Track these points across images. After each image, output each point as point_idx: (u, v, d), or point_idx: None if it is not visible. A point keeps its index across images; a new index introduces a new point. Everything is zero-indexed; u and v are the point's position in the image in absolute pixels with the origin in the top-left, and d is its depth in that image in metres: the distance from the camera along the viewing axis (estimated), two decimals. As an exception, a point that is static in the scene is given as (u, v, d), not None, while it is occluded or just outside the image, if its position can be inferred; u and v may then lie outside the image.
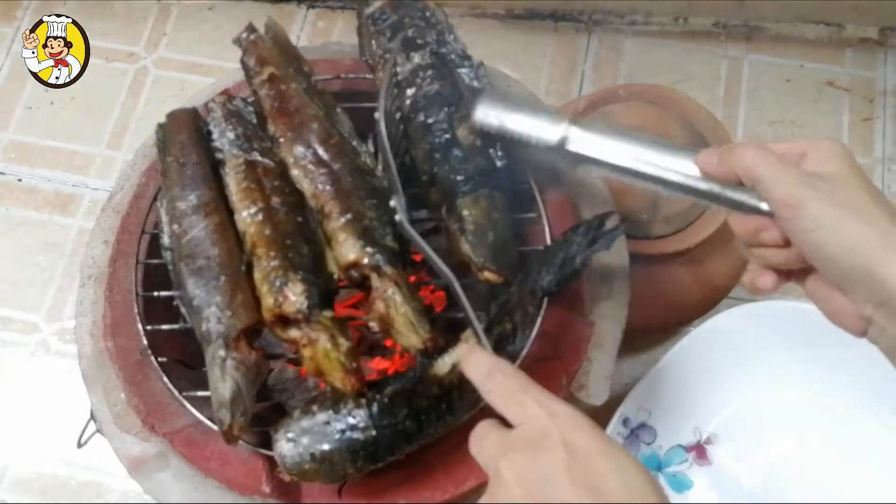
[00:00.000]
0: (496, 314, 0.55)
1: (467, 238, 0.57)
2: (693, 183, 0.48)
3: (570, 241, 0.58)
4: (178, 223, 0.59)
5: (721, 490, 0.74)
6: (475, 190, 0.59)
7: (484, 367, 0.44)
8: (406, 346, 0.53)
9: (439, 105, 0.62)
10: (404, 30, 0.65)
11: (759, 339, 0.75)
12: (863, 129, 1.05)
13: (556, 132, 0.53)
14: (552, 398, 0.40)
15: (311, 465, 0.52)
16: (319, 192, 0.59)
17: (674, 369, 0.75)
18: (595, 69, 1.10)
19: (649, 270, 0.78)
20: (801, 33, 1.10)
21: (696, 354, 0.75)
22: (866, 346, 0.44)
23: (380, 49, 0.66)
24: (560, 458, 0.37)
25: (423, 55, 0.64)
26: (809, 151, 0.45)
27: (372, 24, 0.67)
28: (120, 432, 0.59)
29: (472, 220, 0.58)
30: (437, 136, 0.61)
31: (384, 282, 0.54)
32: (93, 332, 0.63)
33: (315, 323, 0.53)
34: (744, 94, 1.07)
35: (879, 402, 0.73)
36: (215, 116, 0.65)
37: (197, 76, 1.11)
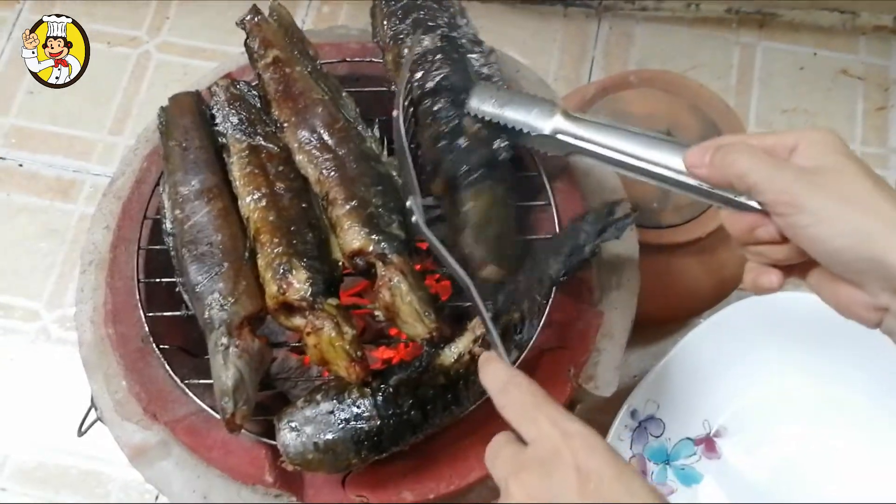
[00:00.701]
0: (503, 303, 0.54)
1: (469, 233, 0.56)
2: (682, 178, 0.47)
3: (579, 230, 0.57)
4: (180, 208, 0.59)
5: (730, 484, 0.73)
6: (479, 182, 0.57)
7: (500, 380, 0.43)
8: (411, 335, 0.52)
9: (447, 92, 0.60)
10: (416, 11, 0.64)
11: (769, 332, 0.74)
12: (877, 117, 1.03)
13: (549, 124, 0.53)
14: (567, 416, 0.40)
15: (314, 454, 0.51)
16: (324, 178, 0.58)
17: (683, 361, 0.74)
18: (605, 55, 1.08)
19: (659, 260, 0.77)
20: (814, 20, 1.09)
21: (705, 346, 0.74)
22: (877, 338, 0.44)
23: (391, 30, 0.65)
24: (571, 481, 0.37)
25: (434, 38, 0.63)
26: (800, 143, 0.43)
27: (385, 5, 0.66)
28: (121, 420, 0.59)
29: (474, 214, 0.56)
30: (443, 124, 0.59)
31: (390, 270, 0.53)
32: (94, 318, 0.62)
33: (320, 311, 0.52)
34: (756, 82, 1.06)
35: (889, 394, 0.72)
36: (218, 100, 0.63)
37: (200, 61, 1.10)
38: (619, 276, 0.63)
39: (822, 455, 0.73)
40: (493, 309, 0.53)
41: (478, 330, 0.52)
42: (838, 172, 0.41)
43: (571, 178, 0.65)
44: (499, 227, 0.57)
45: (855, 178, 0.41)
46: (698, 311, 0.84)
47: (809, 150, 0.43)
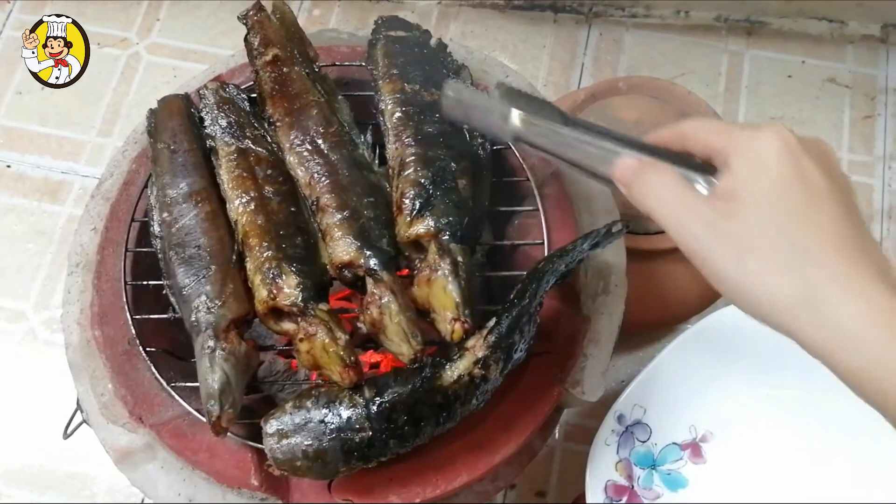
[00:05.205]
0: (507, 329, 0.53)
1: (459, 285, 0.52)
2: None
3: (577, 250, 0.57)
4: (168, 211, 0.58)
5: (716, 488, 0.73)
6: (465, 242, 0.55)
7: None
8: (395, 353, 0.52)
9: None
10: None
11: (756, 337, 0.74)
12: (864, 126, 1.04)
13: (508, 133, 0.50)
14: None
15: (303, 461, 0.51)
16: (315, 182, 0.58)
17: (670, 367, 0.74)
18: (595, 61, 1.09)
19: (646, 267, 0.77)
20: (802, 29, 1.09)
21: (692, 352, 0.74)
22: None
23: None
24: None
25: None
26: (730, 158, 0.36)
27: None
28: (107, 423, 0.58)
29: (465, 270, 0.54)
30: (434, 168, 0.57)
31: (380, 288, 0.52)
32: (80, 320, 0.62)
33: (311, 317, 0.52)
34: (744, 90, 1.06)
35: (877, 401, 0.72)
36: (208, 103, 0.63)
37: (190, 63, 1.09)
38: (606, 282, 0.63)
39: (809, 460, 0.73)
40: (498, 333, 0.52)
41: (478, 351, 0.52)
42: (751, 218, 0.35)
43: (560, 183, 0.65)
44: (472, 291, 0.55)
45: (768, 230, 0.34)
46: (685, 316, 0.84)
47: (738, 174, 0.36)
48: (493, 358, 0.52)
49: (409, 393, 0.51)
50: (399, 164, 0.58)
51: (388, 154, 0.60)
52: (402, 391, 0.51)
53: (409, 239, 0.55)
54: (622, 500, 0.70)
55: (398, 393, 0.51)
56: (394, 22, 0.68)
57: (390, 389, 0.51)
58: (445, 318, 0.52)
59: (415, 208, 0.55)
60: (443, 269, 0.52)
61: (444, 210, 0.55)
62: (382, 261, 0.53)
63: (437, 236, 0.54)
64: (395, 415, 0.51)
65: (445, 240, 0.54)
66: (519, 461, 0.59)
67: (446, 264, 0.53)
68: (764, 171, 0.35)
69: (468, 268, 0.54)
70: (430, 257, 0.54)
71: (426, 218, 0.55)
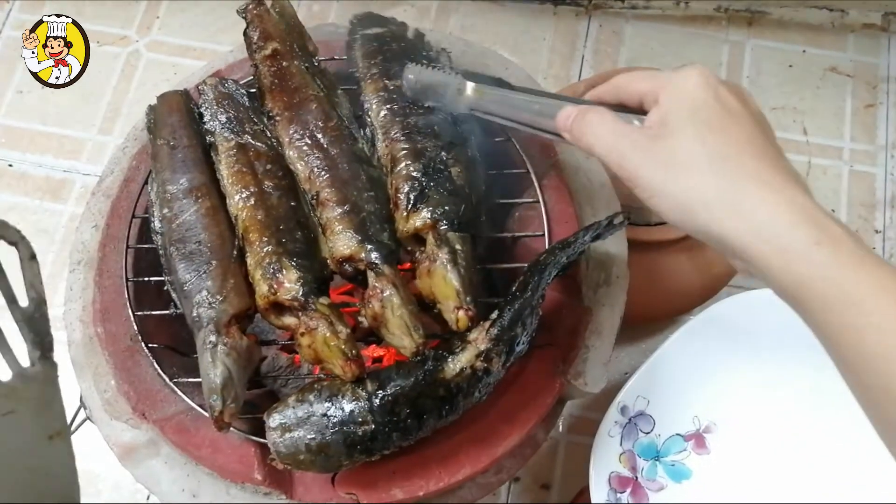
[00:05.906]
0: (510, 322, 0.53)
1: (458, 273, 0.53)
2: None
3: (579, 242, 0.57)
4: (168, 207, 0.58)
5: (720, 479, 0.73)
6: (465, 229, 0.55)
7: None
8: (397, 346, 0.52)
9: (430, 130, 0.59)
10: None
11: (759, 328, 0.74)
12: (866, 115, 1.04)
13: (463, 104, 0.56)
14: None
15: (306, 455, 0.51)
16: (314, 177, 0.58)
17: (673, 358, 0.74)
18: (595, 53, 1.08)
19: (648, 258, 0.77)
20: (803, 18, 1.09)
21: (695, 343, 0.74)
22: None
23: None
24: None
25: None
26: (660, 95, 0.41)
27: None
28: (110, 419, 0.58)
29: (464, 257, 0.54)
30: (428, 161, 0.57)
31: (381, 282, 0.52)
32: (82, 317, 0.62)
33: (312, 311, 0.52)
34: (745, 80, 1.06)
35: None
36: (207, 99, 0.63)
37: (190, 60, 1.09)
38: (607, 273, 0.63)
39: (812, 450, 0.73)
40: (501, 326, 0.53)
41: (481, 344, 0.52)
42: (676, 135, 0.39)
43: (561, 175, 0.65)
44: (475, 280, 0.55)
45: (691, 142, 0.39)
46: (687, 308, 0.84)
47: (665, 105, 0.41)
48: (496, 350, 0.52)
49: (411, 386, 0.51)
50: (391, 161, 0.58)
51: (380, 153, 0.60)
52: (405, 384, 0.51)
53: (409, 233, 0.55)
54: (626, 492, 0.70)
55: (401, 386, 0.51)
56: (368, 19, 0.68)
57: (393, 382, 0.51)
58: (449, 308, 0.52)
59: (410, 202, 0.55)
60: (441, 259, 0.52)
61: (440, 200, 0.55)
62: (383, 254, 0.53)
63: (434, 227, 0.54)
64: (398, 408, 0.51)
65: (443, 229, 0.54)
66: (522, 453, 0.59)
67: (444, 253, 0.53)
68: (686, 98, 0.40)
69: (468, 255, 0.54)
70: (429, 248, 0.54)
71: (422, 210, 0.55)
